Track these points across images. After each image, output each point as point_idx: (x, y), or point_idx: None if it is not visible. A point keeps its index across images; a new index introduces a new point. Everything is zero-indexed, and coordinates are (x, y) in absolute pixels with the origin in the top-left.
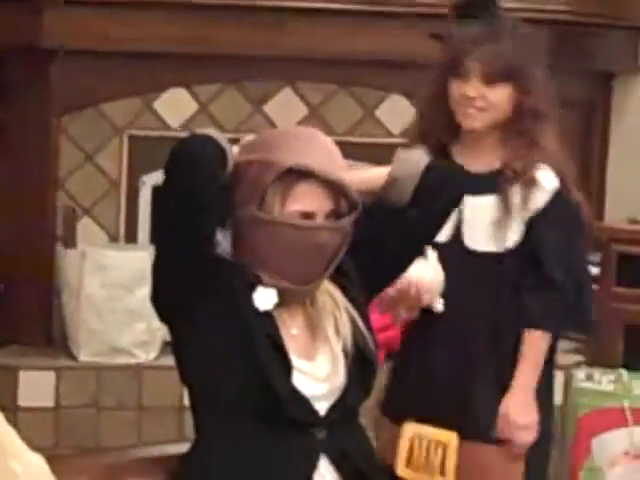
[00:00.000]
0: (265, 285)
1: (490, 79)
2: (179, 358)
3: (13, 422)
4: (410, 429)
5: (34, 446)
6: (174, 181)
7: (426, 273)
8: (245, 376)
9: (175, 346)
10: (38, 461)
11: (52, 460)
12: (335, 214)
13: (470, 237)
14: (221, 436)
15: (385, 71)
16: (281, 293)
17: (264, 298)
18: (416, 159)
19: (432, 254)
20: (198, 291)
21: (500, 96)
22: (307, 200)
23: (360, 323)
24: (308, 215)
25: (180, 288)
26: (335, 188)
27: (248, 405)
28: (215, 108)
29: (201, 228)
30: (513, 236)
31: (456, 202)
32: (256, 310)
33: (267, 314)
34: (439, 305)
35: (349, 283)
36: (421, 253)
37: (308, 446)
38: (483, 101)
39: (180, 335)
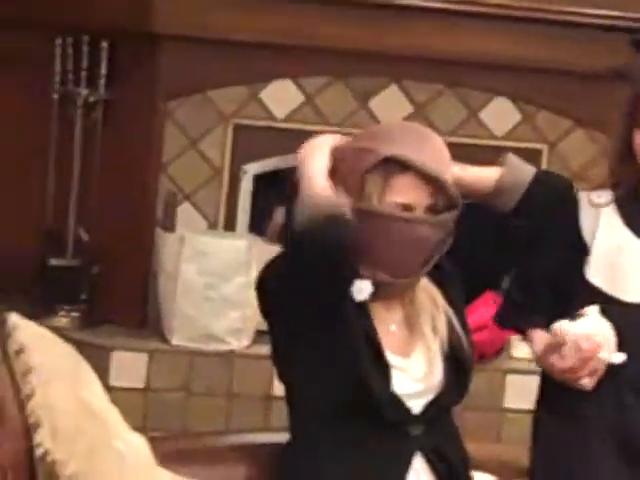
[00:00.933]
0: (362, 277)
1: None
2: (278, 356)
3: None
4: None
5: None
6: (310, 267)
7: (589, 327)
8: (343, 377)
9: (275, 343)
10: (140, 441)
11: (152, 442)
12: (433, 210)
13: None
14: (321, 436)
15: (492, 73)
16: (379, 286)
17: (360, 289)
18: (525, 168)
19: (593, 309)
20: (319, 309)
21: None
22: (406, 192)
23: (457, 325)
24: (406, 207)
25: (303, 303)
26: (434, 184)
27: (346, 406)
28: (320, 101)
29: (338, 286)
30: None
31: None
32: (354, 304)
33: (364, 309)
34: (619, 356)
35: (449, 284)
36: (517, 263)
37: (403, 444)
38: None
39: (280, 329)
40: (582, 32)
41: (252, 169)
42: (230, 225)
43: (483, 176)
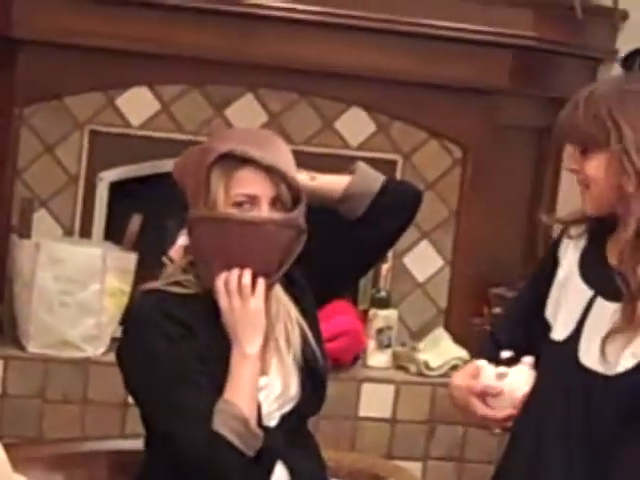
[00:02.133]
0: None
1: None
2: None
3: None
4: None
5: None
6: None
7: (520, 386)
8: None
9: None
10: None
11: (7, 448)
12: (279, 202)
13: (585, 349)
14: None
15: (346, 83)
16: None
17: None
18: (374, 177)
19: (528, 360)
20: None
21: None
22: (248, 184)
23: (310, 337)
24: (252, 199)
25: None
26: (276, 175)
27: None
28: (177, 109)
29: None
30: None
31: (405, 227)
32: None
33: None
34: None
35: (301, 293)
36: (369, 270)
37: (264, 456)
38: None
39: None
40: (436, 44)
41: (108, 176)
42: (86, 232)
43: (332, 183)
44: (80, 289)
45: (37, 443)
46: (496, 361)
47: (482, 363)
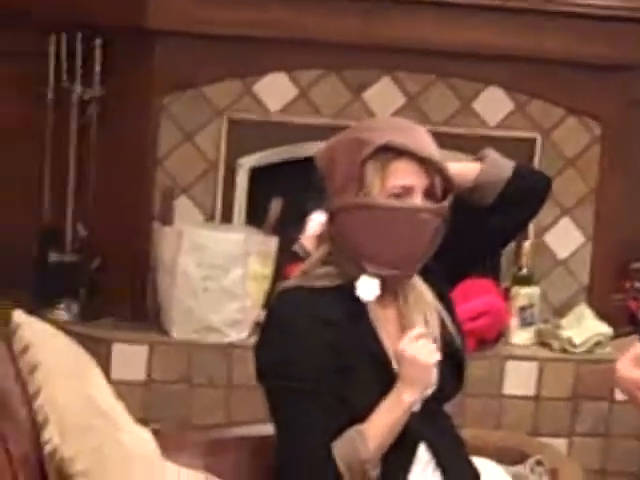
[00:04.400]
0: (369, 274)
1: None
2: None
3: None
4: None
5: None
6: None
7: None
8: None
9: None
10: (145, 435)
11: (158, 435)
12: (432, 194)
13: None
14: None
15: (483, 63)
16: (382, 283)
17: (367, 288)
18: (504, 165)
19: None
20: None
21: None
22: (404, 175)
23: (448, 320)
24: (408, 189)
25: None
26: (429, 166)
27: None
28: (314, 94)
29: None
30: None
31: (534, 215)
32: (354, 303)
33: (364, 309)
34: None
35: (435, 278)
36: (499, 252)
37: (407, 437)
38: None
39: None
40: (573, 21)
41: (247, 162)
42: (227, 218)
43: (463, 171)
44: (222, 274)
45: (184, 430)
46: None
47: None
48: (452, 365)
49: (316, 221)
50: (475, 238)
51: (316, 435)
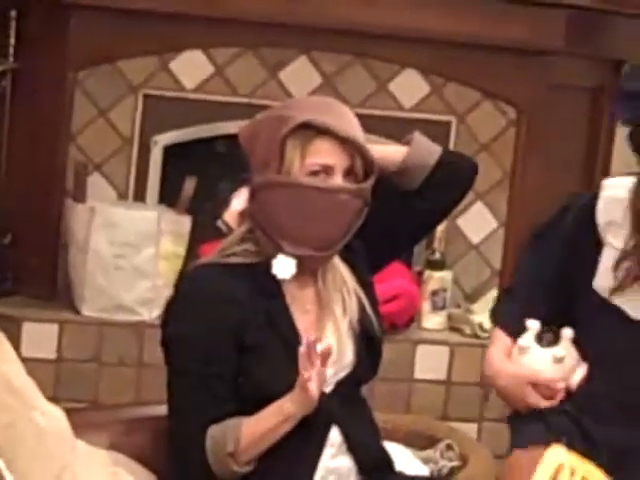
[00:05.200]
0: (286, 253)
1: None
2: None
3: None
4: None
5: None
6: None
7: (541, 366)
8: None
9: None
10: (58, 413)
11: (68, 413)
12: (352, 173)
13: None
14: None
15: (400, 45)
16: (299, 263)
17: (283, 266)
18: (431, 149)
19: (567, 333)
20: None
21: None
22: (325, 154)
23: (366, 304)
24: (327, 169)
25: None
26: (351, 147)
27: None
28: (231, 72)
29: None
30: None
31: (460, 199)
32: (270, 281)
33: (279, 288)
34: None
35: (357, 260)
36: (424, 236)
37: (318, 421)
38: None
39: None
40: (490, 5)
41: (162, 140)
42: (140, 196)
43: (388, 154)
44: (135, 253)
45: (95, 408)
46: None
47: (527, 343)
48: (368, 349)
49: (240, 197)
50: (400, 222)
51: (194, 417)
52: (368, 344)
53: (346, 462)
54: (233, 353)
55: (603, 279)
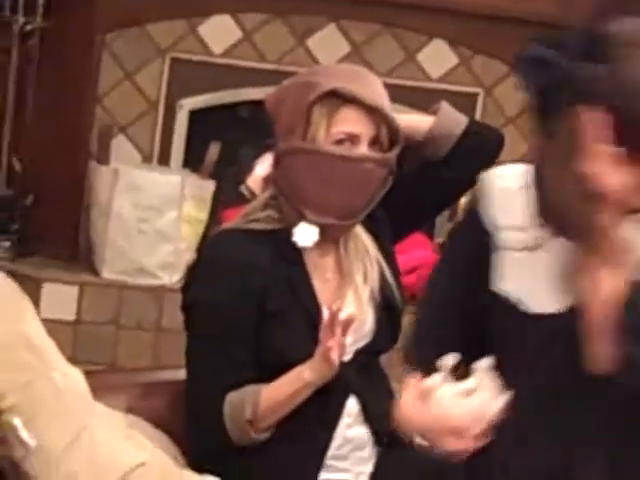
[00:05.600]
0: (308, 221)
1: None
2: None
3: None
4: None
5: None
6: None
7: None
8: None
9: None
10: (77, 374)
11: (86, 375)
12: (378, 142)
13: None
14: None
15: (429, 15)
16: (322, 231)
17: (305, 234)
18: (457, 119)
19: (483, 365)
20: None
21: None
22: (351, 123)
23: (388, 273)
24: (353, 137)
25: None
26: (377, 115)
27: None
28: (259, 38)
29: None
30: None
31: (487, 169)
32: (291, 248)
33: (300, 255)
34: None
35: (380, 230)
36: (448, 207)
37: (336, 389)
38: None
39: None
40: None
41: (188, 104)
42: (164, 159)
43: (414, 124)
44: (157, 216)
45: (113, 371)
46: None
47: (434, 382)
48: (388, 318)
49: (265, 163)
50: (424, 192)
51: (213, 382)
52: (389, 314)
53: (362, 432)
54: (254, 319)
55: (507, 282)
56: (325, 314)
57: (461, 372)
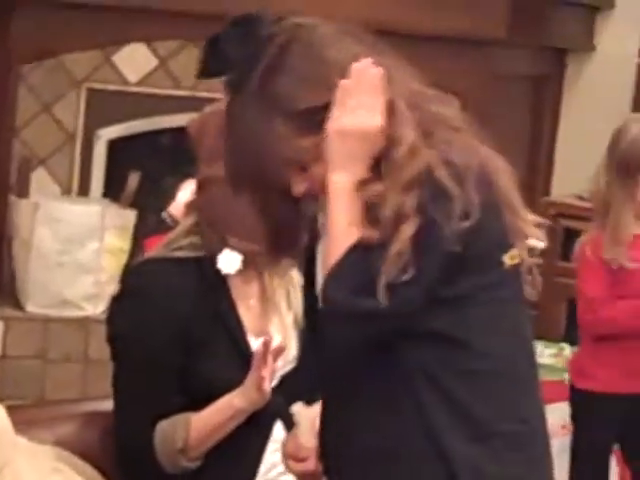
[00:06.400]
0: (231, 248)
1: None
2: None
3: None
4: None
5: None
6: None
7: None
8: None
9: None
10: None
11: (13, 410)
12: None
13: None
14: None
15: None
16: (245, 257)
17: (229, 262)
18: None
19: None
20: None
21: None
22: None
23: None
24: None
25: None
26: None
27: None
28: (173, 65)
29: None
30: None
31: None
32: (215, 276)
33: (224, 282)
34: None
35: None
36: None
37: (262, 416)
38: None
39: None
40: None
41: (106, 134)
42: (84, 190)
43: None
44: (79, 248)
45: (38, 405)
46: None
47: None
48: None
49: (187, 189)
50: None
51: (141, 413)
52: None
53: None
54: (179, 348)
55: None
56: (251, 341)
57: None
